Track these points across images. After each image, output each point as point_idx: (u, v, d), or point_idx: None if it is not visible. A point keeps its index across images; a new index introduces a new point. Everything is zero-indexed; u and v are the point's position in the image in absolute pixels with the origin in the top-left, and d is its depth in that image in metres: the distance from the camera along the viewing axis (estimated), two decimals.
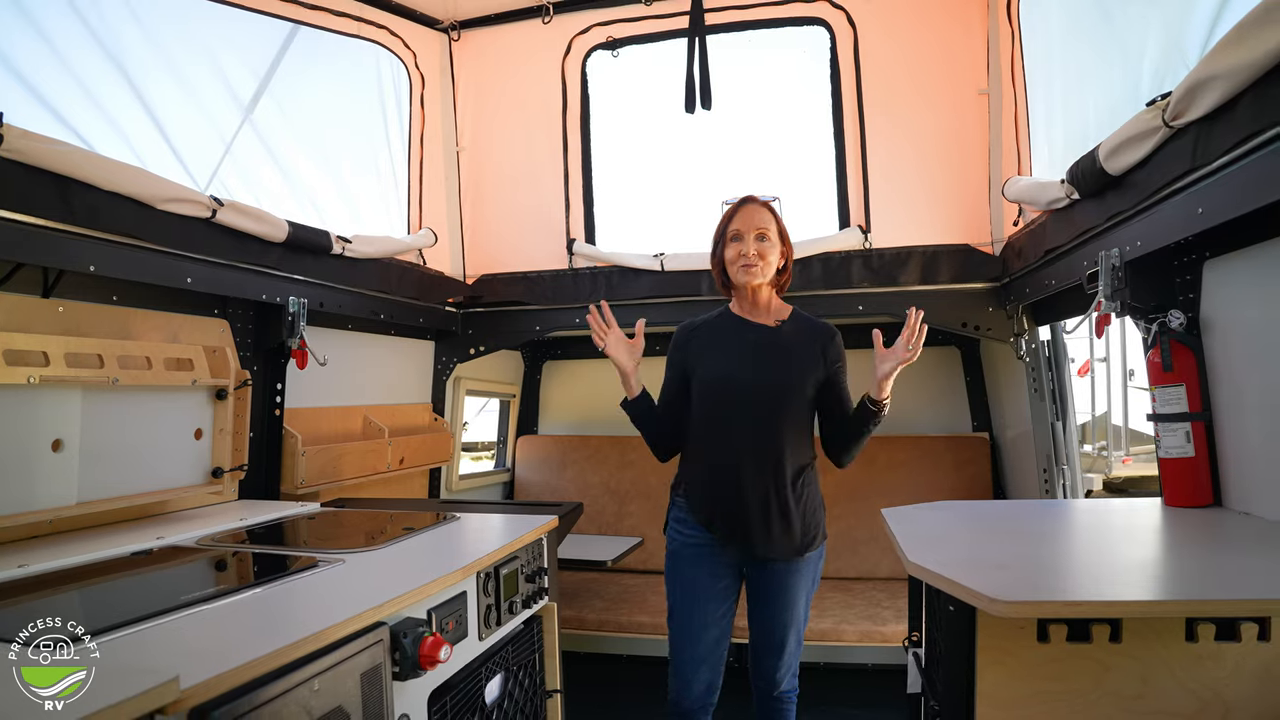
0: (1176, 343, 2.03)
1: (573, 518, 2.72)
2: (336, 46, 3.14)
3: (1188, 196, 1.79)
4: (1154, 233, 1.94)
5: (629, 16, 3.50)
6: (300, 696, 1.24)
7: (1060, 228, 2.47)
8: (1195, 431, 2.02)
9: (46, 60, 2.02)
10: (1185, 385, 2.02)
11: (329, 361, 2.81)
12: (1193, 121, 1.69)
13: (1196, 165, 1.71)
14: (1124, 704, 1.56)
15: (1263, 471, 1.90)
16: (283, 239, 2.52)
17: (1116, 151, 1.97)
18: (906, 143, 3.31)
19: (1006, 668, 1.58)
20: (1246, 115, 1.53)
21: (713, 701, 2.38)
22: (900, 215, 3.33)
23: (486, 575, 1.96)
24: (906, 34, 3.27)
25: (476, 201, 3.78)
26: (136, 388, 2.13)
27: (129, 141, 2.23)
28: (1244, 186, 1.59)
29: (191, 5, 2.46)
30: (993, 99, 3.10)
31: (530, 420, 4.79)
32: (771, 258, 2.31)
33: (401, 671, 1.52)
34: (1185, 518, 1.98)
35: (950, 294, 3.26)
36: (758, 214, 2.32)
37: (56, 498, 1.94)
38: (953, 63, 3.20)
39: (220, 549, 1.94)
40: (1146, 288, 2.11)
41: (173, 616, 1.33)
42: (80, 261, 1.93)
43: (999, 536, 1.90)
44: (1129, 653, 1.55)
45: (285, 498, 2.72)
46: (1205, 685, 1.54)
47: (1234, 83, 1.52)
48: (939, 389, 4.19)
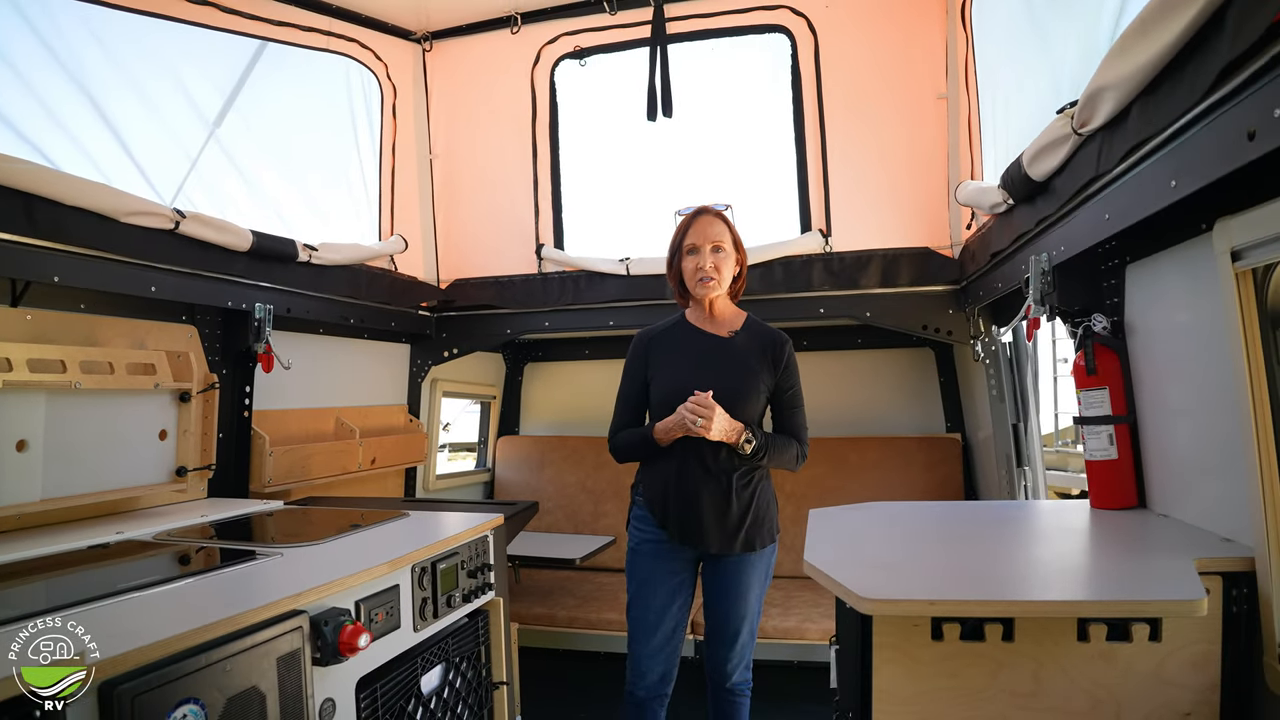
0: (1100, 346, 2.05)
1: (525, 516, 2.81)
2: (304, 60, 3.25)
3: (1097, 203, 1.82)
4: (1074, 238, 1.97)
5: (595, 26, 3.58)
6: (211, 675, 1.34)
7: (1002, 232, 2.50)
8: (1119, 434, 2.04)
9: (9, 83, 2.15)
10: (1109, 388, 2.04)
11: (300, 364, 2.93)
12: (1097, 129, 1.72)
13: (1100, 172, 1.74)
14: (1018, 701, 1.60)
15: (1182, 475, 1.92)
16: (247, 248, 2.63)
17: (1037, 158, 2.01)
18: (867, 147, 3.35)
19: (902, 665, 1.63)
20: (1136, 124, 1.56)
21: (667, 692, 2.50)
22: (861, 219, 3.37)
23: (422, 570, 2.03)
24: (867, 40, 3.32)
25: (449, 208, 3.89)
26: (99, 391, 2.25)
27: (92, 158, 2.35)
28: (1138, 193, 1.62)
29: (152, 26, 2.57)
30: (951, 103, 3.13)
31: (512, 421, 4.88)
32: (726, 270, 2.41)
33: (322, 657, 1.60)
34: (1107, 520, 2.00)
35: (910, 296, 3.30)
36: (712, 226, 2.41)
37: (20, 495, 2.06)
38: (912, 67, 3.24)
39: (174, 543, 2.05)
40: (1074, 291, 2.14)
41: (107, 602, 1.45)
42: (44, 273, 2.05)
43: (907, 537, 1.95)
44: (1022, 651, 1.59)
45: (254, 496, 2.83)
46: (1098, 684, 1.58)
47: (1123, 92, 1.56)
48: (913, 390, 4.21)
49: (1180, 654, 1.55)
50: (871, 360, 4.28)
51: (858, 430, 4.21)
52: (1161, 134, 1.47)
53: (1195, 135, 1.38)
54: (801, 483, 4.02)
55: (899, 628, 1.62)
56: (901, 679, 1.63)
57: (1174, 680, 1.55)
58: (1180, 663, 1.55)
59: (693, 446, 2.34)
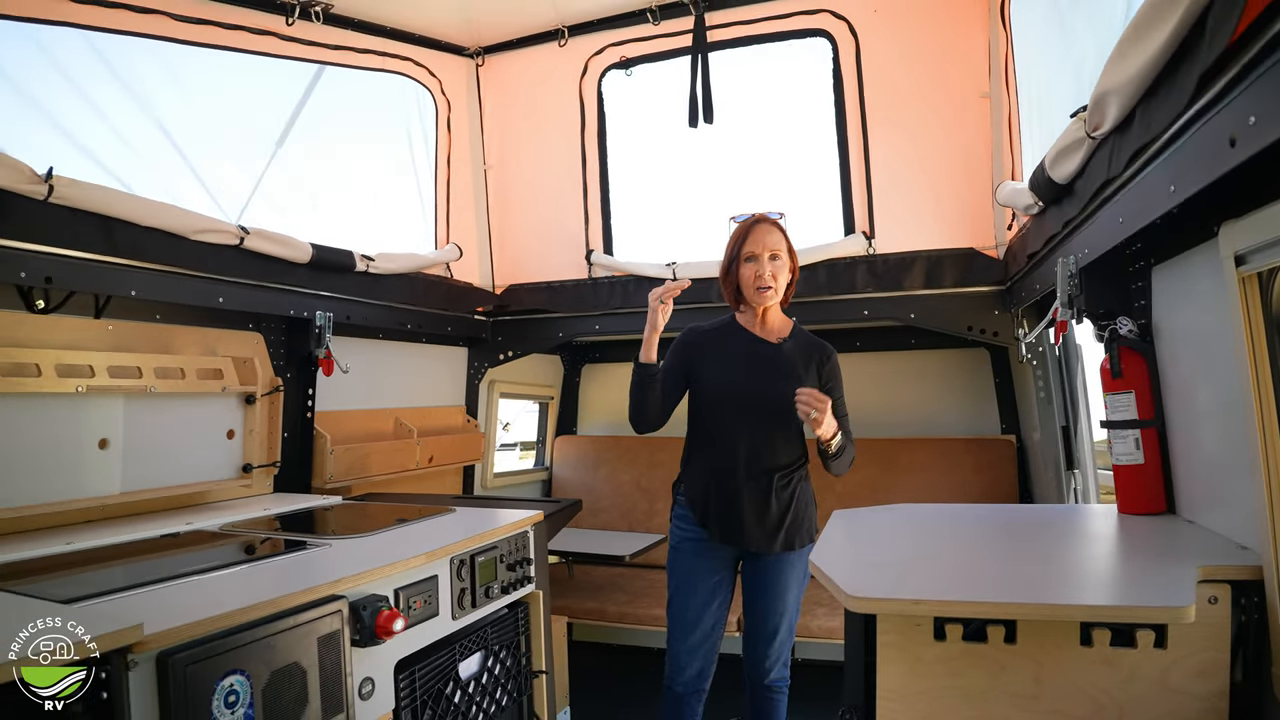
0: (1127, 349, 2.02)
1: (568, 513, 2.92)
2: (361, 80, 3.44)
3: (1113, 206, 1.81)
4: (1096, 241, 1.96)
5: (639, 36, 3.66)
6: (256, 650, 1.49)
7: (1037, 234, 2.48)
8: (1145, 438, 2.01)
9: (90, 118, 2.40)
10: (1135, 392, 2.01)
11: (361, 368, 3.13)
12: (1109, 133, 1.72)
13: (1112, 176, 1.73)
14: (1020, 703, 1.62)
15: (1209, 480, 1.88)
16: (307, 260, 2.84)
17: (1057, 161, 2.00)
18: (910, 148, 3.33)
19: (905, 664, 1.66)
20: (1139, 128, 1.56)
21: (704, 687, 2.56)
22: (904, 220, 3.36)
23: (461, 562, 2.16)
24: (908, 40, 3.30)
25: (503, 216, 4.04)
26: (172, 394, 2.48)
27: (164, 182, 2.58)
28: (1144, 197, 1.61)
29: (218, 58, 2.79)
30: (994, 101, 3.08)
31: (569, 421, 5.01)
32: (783, 278, 2.46)
33: (361, 639, 1.74)
34: (1132, 525, 1.98)
35: (955, 298, 3.27)
36: (770, 234, 2.45)
37: (102, 489, 2.30)
38: (955, 66, 3.21)
39: (237, 534, 2.24)
40: (1101, 294, 2.11)
41: (171, 584, 1.63)
42: (123, 288, 2.27)
43: (921, 539, 1.97)
44: (1025, 654, 1.60)
45: (317, 492, 3.03)
46: (1100, 689, 1.58)
47: (1125, 96, 1.55)
48: (966, 391, 4.15)
49: (1186, 661, 1.53)
50: (924, 361, 4.24)
51: (909, 431, 4.18)
52: (1159, 139, 1.47)
53: (1188, 140, 1.37)
54: (850, 484, 4.00)
55: (902, 627, 1.65)
56: (904, 678, 1.66)
57: (1180, 688, 1.54)
58: (1186, 670, 1.54)
59: (733, 446, 2.41)
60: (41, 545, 1.96)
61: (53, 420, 2.20)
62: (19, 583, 1.62)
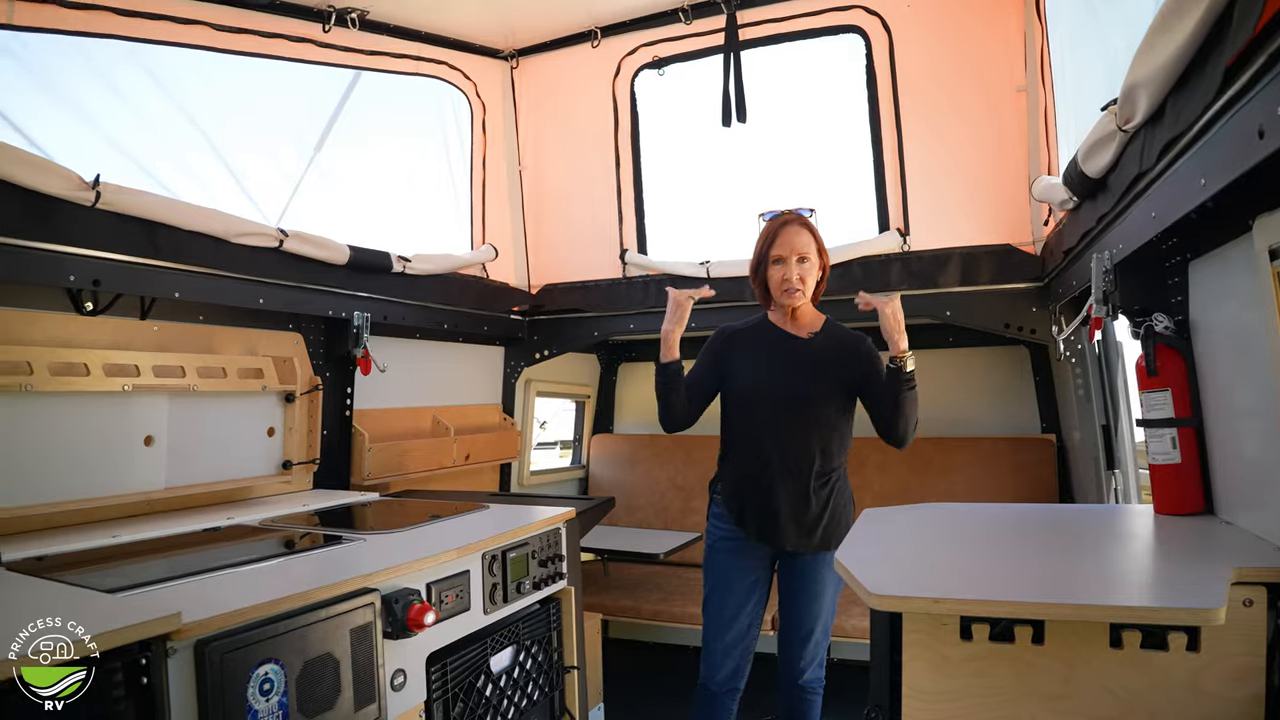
0: (1163, 346, 1.97)
1: (600, 511, 2.94)
2: (397, 84, 3.50)
3: (1146, 200, 1.77)
4: (1130, 236, 1.92)
5: (672, 36, 3.66)
6: (290, 640, 1.55)
7: (1072, 229, 2.43)
8: (1182, 437, 1.96)
9: (135, 127, 2.49)
10: (1171, 390, 1.96)
11: (398, 367, 3.19)
12: (1140, 125, 1.68)
13: (1144, 170, 1.70)
14: (1047, 704, 1.59)
15: (1249, 480, 1.83)
16: (345, 261, 2.90)
17: (1089, 155, 1.97)
18: (945, 143, 3.29)
19: (930, 663, 1.65)
20: (1169, 121, 1.53)
21: (739, 686, 2.57)
22: (940, 216, 3.32)
23: (492, 557, 2.20)
24: (943, 35, 3.26)
25: (538, 217, 4.08)
26: (214, 393, 2.57)
27: (206, 187, 2.67)
28: (1176, 190, 1.58)
29: (257, 65, 2.86)
30: (1030, 94, 3.03)
31: (606, 419, 5.05)
32: (811, 279, 2.45)
33: (393, 632, 1.79)
34: (1168, 525, 1.93)
35: (992, 295, 3.22)
36: (799, 237, 2.43)
37: (147, 484, 2.39)
38: (990, 60, 3.16)
39: (276, 529, 2.31)
40: (1137, 290, 2.07)
41: (211, 575, 1.70)
42: (167, 290, 2.35)
43: (949, 538, 1.95)
44: (1053, 654, 1.58)
45: (355, 488, 3.09)
46: (1130, 691, 1.55)
47: (1154, 88, 1.53)
48: (1006, 389, 4.08)
49: (1220, 665, 1.50)
50: (963, 359, 4.17)
51: (947, 430, 4.12)
52: (1189, 131, 1.44)
53: (1217, 132, 1.35)
54: (887, 484, 3.98)
55: (927, 626, 1.64)
56: (930, 677, 1.65)
57: (1213, 692, 1.50)
58: (1219, 674, 1.50)
59: (768, 444, 2.41)
60: (89, 538, 2.05)
61: (100, 418, 2.29)
62: (68, 573, 1.70)
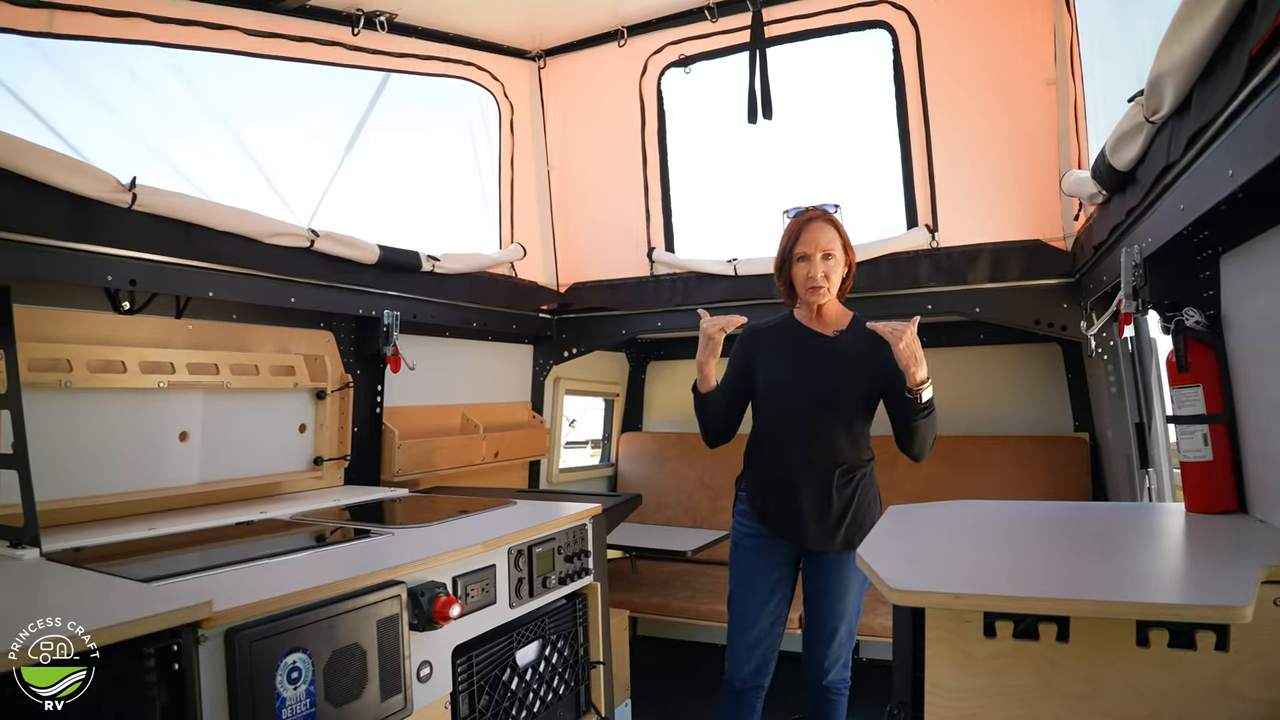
0: (1194, 341, 1.94)
1: (627, 508, 2.95)
2: (426, 86, 3.54)
3: (1174, 192, 1.75)
4: (1159, 229, 1.89)
5: (698, 34, 3.66)
6: (318, 630, 1.58)
7: (1102, 223, 2.40)
8: (1214, 434, 1.92)
9: (170, 131, 2.55)
10: (1202, 386, 1.93)
11: (428, 365, 3.24)
12: (1167, 117, 1.66)
13: (1171, 161, 1.67)
14: (1071, 704, 1.57)
15: None
16: (375, 260, 2.95)
17: (1117, 147, 1.94)
18: (974, 138, 3.25)
19: (953, 660, 1.64)
20: (1195, 111, 1.50)
21: (763, 684, 2.56)
22: (969, 212, 3.28)
23: (518, 552, 2.23)
24: (970, 28, 3.21)
25: (566, 215, 4.11)
26: (247, 390, 2.63)
27: (239, 189, 2.73)
28: (1204, 182, 1.56)
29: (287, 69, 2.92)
30: (1060, 88, 2.98)
31: (635, 417, 5.06)
32: (836, 276, 2.43)
33: (419, 624, 1.82)
34: (1199, 524, 1.90)
35: (1021, 291, 3.17)
36: (823, 233, 2.41)
37: (182, 478, 2.46)
38: (1018, 53, 3.11)
39: (307, 523, 2.36)
40: (1167, 284, 2.03)
41: (243, 567, 1.75)
42: (201, 289, 2.41)
43: (974, 535, 1.93)
44: (1077, 653, 1.56)
45: (385, 484, 3.14)
46: (1157, 692, 1.53)
47: (1180, 79, 1.50)
48: (1038, 387, 4.02)
49: (1249, 666, 1.47)
50: (994, 356, 4.12)
51: (977, 429, 4.07)
52: (1215, 121, 1.41)
53: (1244, 122, 1.32)
54: (918, 483, 3.94)
55: (950, 623, 1.63)
56: (953, 675, 1.64)
57: (1242, 693, 1.47)
58: (1249, 675, 1.47)
59: (792, 442, 2.40)
60: (126, 530, 2.11)
61: (137, 414, 2.36)
62: (105, 564, 1.75)
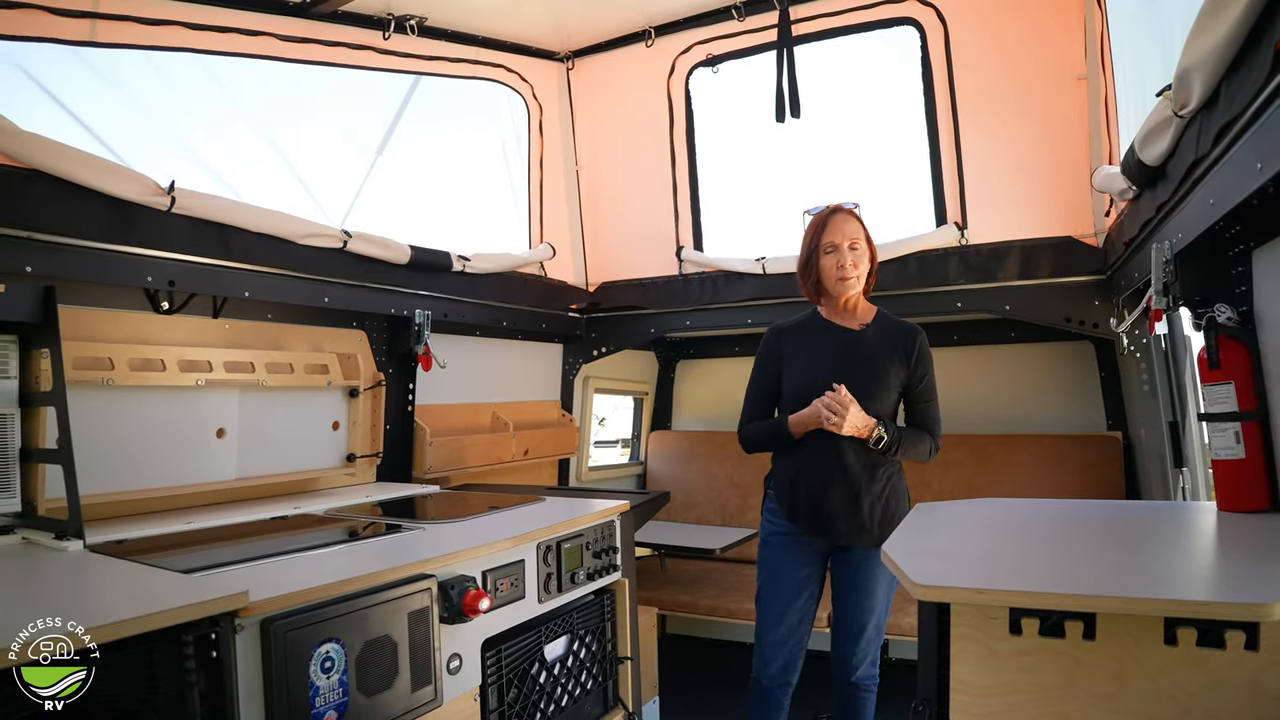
0: (1225, 338, 1.91)
1: (655, 505, 2.97)
2: (456, 88, 3.59)
3: (1203, 187, 1.73)
4: (1189, 224, 1.87)
5: (725, 33, 3.67)
6: (351, 621, 1.63)
7: (1133, 219, 2.37)
8: (1246, 431, 1.90)
9: (208, 135, 2.63)
10: (1234, 383, 1.90)
11: (459, 363, 3.29)
12: (1196, 111, 1.64)
13: (1200, 156, 1.66)
14: (1097, 702, 1.57)
15: None
16: (406, 261, 3.00)
17: (1145, 142, 1.93)
18: (1003, 135, 3.22)
19: (978, 656, 1.64)
20: (1224, 105, 1.49)
21: (791, 680, 2.57)
22: (998, 209, 3.25)
23: (547, 548, 2.26)
24: (999, 23, 3.18)
25: (595, 215, 4.14)
26: (282, 388, 2.69)
27: (273, 191, 2.79)
28: (1233, 176, 1.54)
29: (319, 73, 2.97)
30: (1091, 83, 2.94)
31: (664, 416, 5.08)
32: (863, 267, 2.46)
33: (449, 617, 1.86)
34: (1231, 522, 1.87)
35: (1052, 288, 3.14)
36: (848, 224, 2.45)
37: (219, 474, 2.53)
38: (1048, 48, 3.08)
39: (340, 518, 2.41)
40: (1199, 280, 2.00)
41: (278, 559, 1.79)
42: (237, 289, 2.48)
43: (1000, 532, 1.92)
44: (1104, 651, 1.55)
45: (417, 481, 3.20)
46: (1185, 691, 1.51)
47: (1207, 72, 1.49)
48: (1070, 385, 3.97)
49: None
50: (1025, 355, 4.08)
51: (1009, 427, 4.04)
52: (1244, 115, 1.40)
53: (1271, 115, 1.31)
54: (948, 482, 3.92)
55: (975, 619, 1.63)
56: (978, 671, 1.64)
57: (1274, 694, 1.45)
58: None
59: (824, 439, 2.40)
60: (165, 524, 2.18)
61: (175, 411, 2.43)
62: (146, 556, 1.81)
